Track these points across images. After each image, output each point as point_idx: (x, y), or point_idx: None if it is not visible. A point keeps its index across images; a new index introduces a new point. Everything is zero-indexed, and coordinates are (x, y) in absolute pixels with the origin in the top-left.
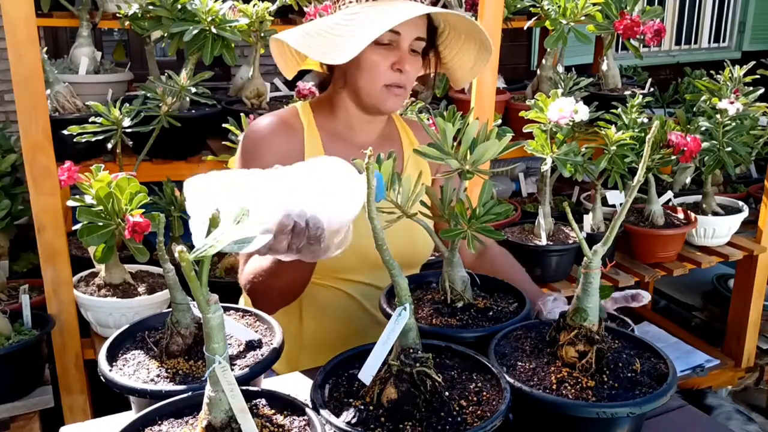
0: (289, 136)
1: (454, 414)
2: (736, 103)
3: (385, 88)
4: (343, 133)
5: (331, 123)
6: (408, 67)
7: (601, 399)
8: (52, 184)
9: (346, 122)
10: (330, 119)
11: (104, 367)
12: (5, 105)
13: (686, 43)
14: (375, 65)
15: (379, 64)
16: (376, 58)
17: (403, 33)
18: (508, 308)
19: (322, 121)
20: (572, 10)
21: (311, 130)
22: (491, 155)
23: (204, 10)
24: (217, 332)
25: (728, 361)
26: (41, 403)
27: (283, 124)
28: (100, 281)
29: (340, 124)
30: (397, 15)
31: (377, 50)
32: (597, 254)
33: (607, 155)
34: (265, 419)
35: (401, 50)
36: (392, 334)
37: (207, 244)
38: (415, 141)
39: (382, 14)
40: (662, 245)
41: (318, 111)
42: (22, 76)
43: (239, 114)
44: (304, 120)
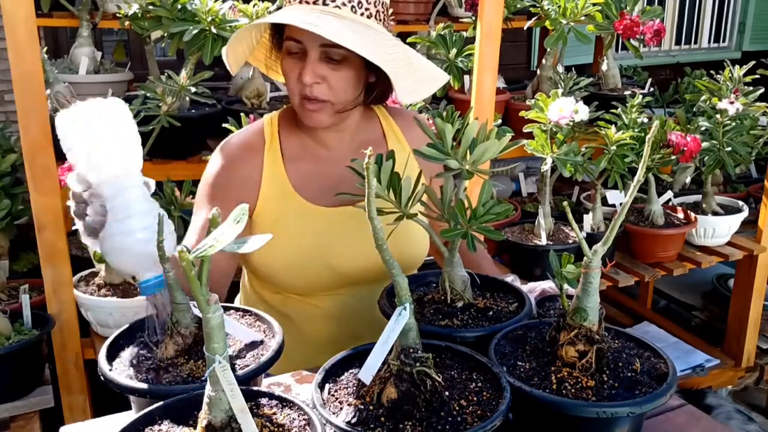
0: (249, 161)
1: (454, 414)
2: (736, 103)
3: (301, 102)
4: (309, 146)
5: (295, 135)
6: (310, 78)
7: (601, 399)
8: (52, 183)
9: (310, 132)
10: (294, 130)
11: (104, 366)
12: (5, 105)
13: (686, 43)
14: (287, 75)
15: (289, 74)
16: (286, 69)
17: (304, 41)
18: (508, 308)
19: (286, 133)
20: (572, 10)
21: (273, 146)
22: (491, 155)
23: (204, 10)
24: (217, 332)
25: (728, 361)
26: (41, 402)
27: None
28: (100, 281)
29: (305, 135)
30: (280, 18)
31: (288, 60)
32: (597, 254)
33: (607, 155)
34: (265, 419)
35: (307, 60)
36: (392, 333)
37: (207, 243)
38: (403, 139)
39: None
40: (662, 245)
41: (284, 122)
42: (22, 76)
43: (239, 114)
44: (268, 136)
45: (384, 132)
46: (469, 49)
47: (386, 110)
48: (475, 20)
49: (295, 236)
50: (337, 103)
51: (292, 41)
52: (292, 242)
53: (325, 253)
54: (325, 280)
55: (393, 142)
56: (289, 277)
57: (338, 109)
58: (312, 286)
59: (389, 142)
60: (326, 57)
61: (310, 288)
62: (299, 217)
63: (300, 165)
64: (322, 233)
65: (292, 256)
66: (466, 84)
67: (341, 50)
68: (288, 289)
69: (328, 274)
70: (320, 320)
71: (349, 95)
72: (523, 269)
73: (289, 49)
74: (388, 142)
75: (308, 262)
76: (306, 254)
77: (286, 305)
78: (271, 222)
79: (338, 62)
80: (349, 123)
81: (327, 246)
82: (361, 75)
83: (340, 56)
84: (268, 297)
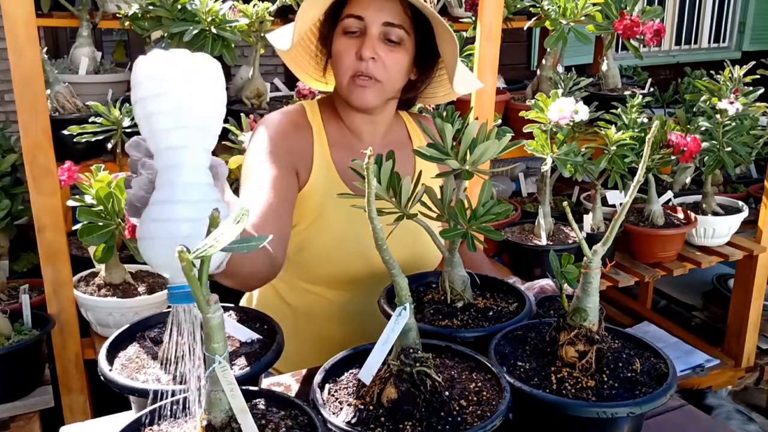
0: (300, 135)
1: (454, 414)
2: (735, 103)
3: (351, 80)
4: (347, 137)
5: (336, 125)
6: (369, 53)
7: (601, 399)
8: (52, 184)
9: (349, 124)
10: (335, 121)
11: (104, 366)
12: (5, 105)
13: (686, 43)
14: (341, 55)
15: (344, 54)
16: (341, 47)
17: (367, 18)
18: (508, 308)
19: (328, 122)
20: (572, 11)
21: (319, 132)
22: (491, 155)
23: (204, 10)
24: (217, 332)
25: (728, 361)
26: (41, 402)
27: (294, 123)
28: (100, 281)
29: (344, 127)
30: None
31: (344, 39)
32: (597, 254)
33: (607, 155)
34: (265, 419)
35: (366, 36)
36: (392, 333)
37: (207, 243)
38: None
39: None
40: (662, 245)
41: (324, 112)
42: (23, 76)
43: (239, 114)
44: (313, 121)
45: (409, 134)
46: (469, 49)
47: (410, 115)
48: (475, 20)
49: (337, 222)
50: (387, 85)
51: (352, 18)
52: (333, 227)
53: (362, 243)
54: (354, 270)
55: (417, 144)
56: (324, 261)
57: (386, 92)
58: (339, 275)
59: (414, 143)
60: (386, 36)
61: (337, 277)
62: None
63: (342, 153)
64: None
65: (331, 241)
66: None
67: (400, 31)
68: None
69: (360, 264)
70: (331, 318)
71: (398, 80)
72: (523, 269)
73: (347, 27)
74: (413, 144)
75: (345, 249)
76: (344, 241)
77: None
78: (318, 203)
79: (396, 44)
80: (384, 116)
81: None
82: (410, 64)
83: (398, 38)
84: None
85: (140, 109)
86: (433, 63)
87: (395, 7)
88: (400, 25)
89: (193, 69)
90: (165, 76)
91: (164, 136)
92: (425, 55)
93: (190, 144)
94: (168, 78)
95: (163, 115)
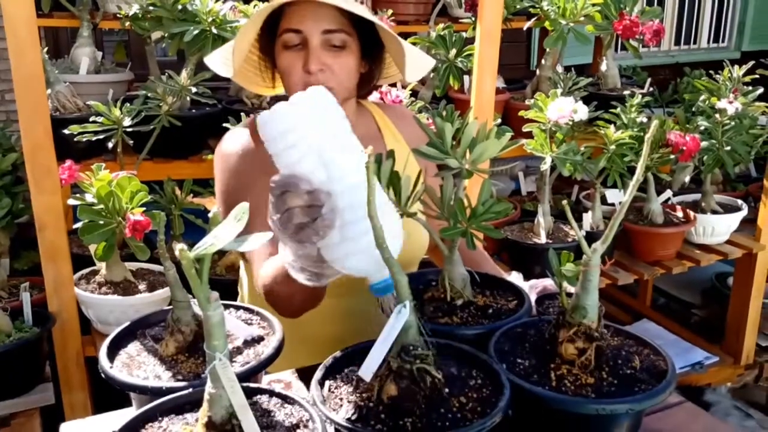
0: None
1: (454, 410)
2: (735, 102)
3: None
4: None
5: None
6: (315, 66)
7: (601, 395)
8: (53, 183)
9: None
10: None
11: (105, 364)
12: (6, 104)
13: (685, 43)
14: (287, 71)
15: (290, 69)
16: (286, 63)
17: (306, 29)
18: (508, 305)
19: None
20: (571, 11)
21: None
22: (490, 154)
23: (204, 10)
24: (218, 329)
25: (727, 359)
26: (42, 400)
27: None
28: (101, 279)
29: None
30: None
31: (287, 54)
32: (596, 252)
33: (606, 154)
34: (266, 416)
35: (310, 48)
36: (392, 331)
37: (206, 242)
38: (399, 136)
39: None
40: (661, 243)
41: None
42: (23, 76)
43: (240, 113)
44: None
45: (379, 128)
46: (469, 50)
47: (378, 106)
48: (474, 21)
49: None
50: (339, 90)
51: (291, 33)
52: None
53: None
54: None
55: (390, 138)
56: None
57: (340, 96)
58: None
59: (386, 138)
60: (328, 44)
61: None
62: None
63: None
64: None
65: None
66: (466, 84)
67: (341, 35)
68: None
69: None
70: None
71: (350, 81)
72: (523, 268)
73: (287, 42)
74: (385, 138)
75: None
76: None
77: None
78: None
79: (340, 48)
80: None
81: None
82: (358, 63)
83: (341, 42)
84: None
85: (291, 155)
86: (380, 51)
87: (331, 13)
88: (340, 29)
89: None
90: (293, 128)
91: (331, 166)
92: (371, 46)
93: (353, 165)
94: (297, 129)
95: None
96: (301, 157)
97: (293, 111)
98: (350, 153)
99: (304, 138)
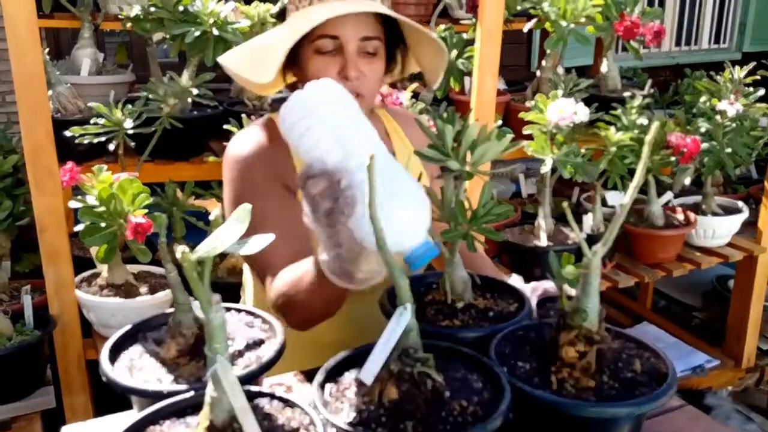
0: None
1: (455, 414)
2: (736, 104)
3: None
4: None
5: None
6: (354, 72)
7: (602, 399)
8: (54, 184)
9: None
10: None
11: (106, 367)
12: (7, 106)
13: (686, 45)
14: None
15: (323, 74)
16: (318, 67)
17: (343, 36)
18: (509, 308)
19: None
20: (572, 12)
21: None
22: (491, 156)
23: (206, 12)
24: (219, 332)
25: (728, 362)
26: (43, 403)
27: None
28: (102, 281)
29: None
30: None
31: (320, 58)
32: (597, 255)
33: (606, 156)
34: (267, 419)
35: (346, 55)
36: (393, 334)
37: (209, 244)
38: (406, 140)
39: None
40: (662, 246)
41: None
42: (24, 77)
43: (241, 115)
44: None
45: (387, 131)
46: (470, 51)
47: (385, 110)
48: (475, 22)
49: None
50: (369, 97)
51: (326, 38)
52: None
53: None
54: None
55: (397, 142)
56: None
57: (369, 103)
58: None
59: (393, 141)
60: (362, 51)
61: None
62: None
63: None
64: None
65: None
66: (467, 85)
67: (376, 42)
68: None
69: None
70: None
71: (378, 88)
72: (523, 270)
73: (321, 48)
74: (392, 142)
75: None
76: None
77: None
78: None
79: (372, 55)
80: None
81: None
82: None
83: (374, 49)
84: None
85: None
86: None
87: (369, 20)
88: (376, 36)
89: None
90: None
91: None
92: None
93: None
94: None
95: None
96: (318, 138)
97: (309, 96)
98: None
99: (322, 119)
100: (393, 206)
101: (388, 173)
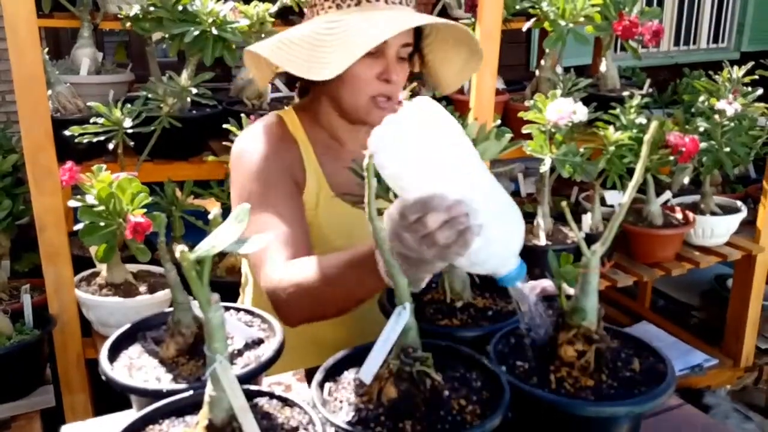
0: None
1: (454, 413)
2: (734, 103)
3: (371, 100)
4: (331, 144)
5: (318, 133)
6: (395, 77)
7: (600, 398)
8: (53, 184)
9: (331, 132)
10: (316, 128)
11: (105, 366)
12: (6, 105)
13: (685, 44)
14: (359, 77)
15: (363, 76)
16: (360, 69)
17: (390, 41)
18: (507, 308)
19: (310, 131)
20: (571, 12)
21: (304, 142)
22: (490, 155)
23: (205, 11)
24: (218, 331)
25: (727, 361)
26: (42, 402)
27: (280, 137)
28: (102, 281)
29: (326, 134)
30: (387, 26)
31: (361, 60)
32: (595, 254)
33: (605, 156)
34: (266, 418)
35: (388, 59)
36: (392, 333)
37: (209, 243)
38: None
39: (369, 23)
40: (661, 245)
41: (304, 120)
42: (24, 77)
43: (240, 114)
44: (295, 132)
45: None
46: None
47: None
48: (474, 21)
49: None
50: (396, 101)
51: None
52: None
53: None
54: None
55: None
56: None
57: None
58: None
59: None
60: (399, 55)
61: None
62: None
63: (328, 161)
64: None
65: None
66: (466, 85)
67: (409, 48)
68: None
69: None
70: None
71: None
72: None
73: None
74: None
75: None
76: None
77: None
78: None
79: (404, 60)
80: None
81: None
82: None
83: (407, 54)
84: None
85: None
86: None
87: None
88: (411, 43)
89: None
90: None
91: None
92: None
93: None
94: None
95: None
96: (432, 169)
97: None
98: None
99: (437, 147)
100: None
101: (493, 196)
